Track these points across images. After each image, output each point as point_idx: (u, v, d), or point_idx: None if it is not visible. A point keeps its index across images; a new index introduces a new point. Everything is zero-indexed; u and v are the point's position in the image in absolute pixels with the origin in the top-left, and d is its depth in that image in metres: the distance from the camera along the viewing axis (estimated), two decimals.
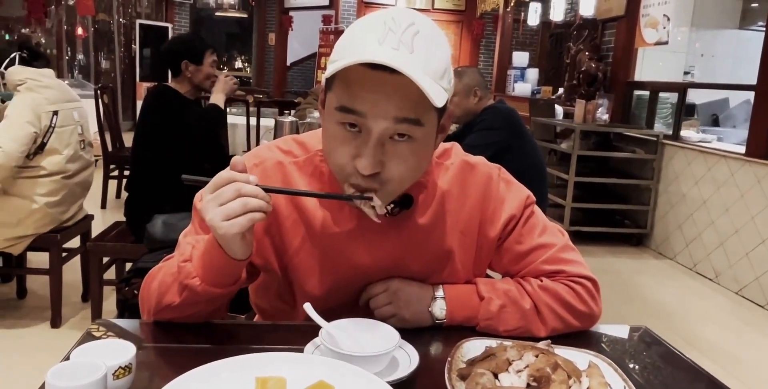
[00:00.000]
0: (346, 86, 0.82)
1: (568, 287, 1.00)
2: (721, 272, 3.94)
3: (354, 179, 0.86)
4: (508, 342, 0.84)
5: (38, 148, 2.48)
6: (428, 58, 0.80)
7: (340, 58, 0.80)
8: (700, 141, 4.51)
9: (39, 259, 2.95)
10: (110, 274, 2.78)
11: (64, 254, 2.76)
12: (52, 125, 2.51)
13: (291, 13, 11.22)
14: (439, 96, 0.79)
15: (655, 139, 4.67)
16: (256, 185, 0.79)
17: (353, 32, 0.84)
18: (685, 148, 4.43)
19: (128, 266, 2.69)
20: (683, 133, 4.67)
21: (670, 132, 4.73)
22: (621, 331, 1.04)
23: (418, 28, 0.81)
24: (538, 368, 0.75)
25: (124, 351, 0.72)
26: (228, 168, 0.80)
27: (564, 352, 0.84)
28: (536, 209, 1.07)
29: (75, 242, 2.91)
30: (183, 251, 0.91)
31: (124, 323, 0.95)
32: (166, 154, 2.56)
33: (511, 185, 1.06)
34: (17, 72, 2.54)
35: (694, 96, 6.00)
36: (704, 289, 3.90)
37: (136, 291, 2.19)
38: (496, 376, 0.77)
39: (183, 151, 2.56)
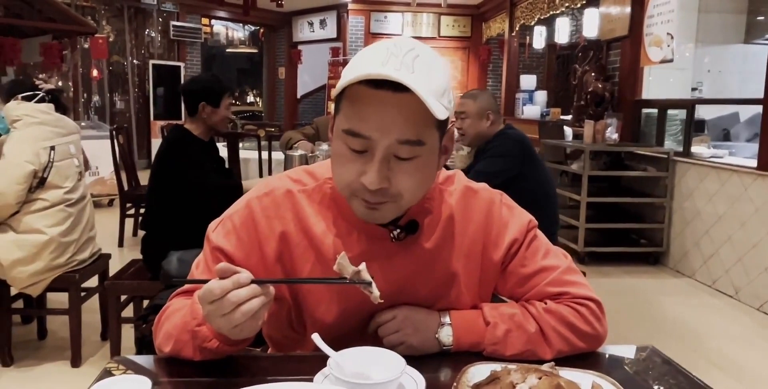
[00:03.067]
0: (352, 106, 0.88)
1: (572, 309, 1.02)
2: (741, 288, 3.89)
3: (362, 194, 0.90)
4: (512, 366, 0.85)
5: (39, 183, 2.53)
6: (428, 78, 0.85)
7: (343, 80, 0.86)
8: (711, 157, 4.49)
9: (58, 299, 3.00)
10: (128, 312, 2.81)
11: (82, 294, 2.79)
12: (51, 160, 2.56)
13: (300, 47, 11.47)
14: (441, 111, 0.85)
15: (665, 156, 4.67)
16: (251, 281, 0.82)
17: (358, 57, 0.90)
18: (697, 164, 4.42)
19: (146, 303, 2.73)
20: (694, 149, 4.66)
21: (681, 149, 4.73)
22: (628, 351, 1.05)
23: (418, 53, 0.87)
24: None
25: (140, 387, 0.75)
26: (217, 278, 0.82)
27: (568, 374, 0.85)
28: (539, 232, 1.09)
29: (93, 282, 2.95)
30: (195, 313, 0.91)
31: (141, 359, 0.98)
32: (181, 195, 2.61)
33: (513, 209, 1.09)
34: (14, 108, 2.58)
35: (704, 112, 5.99)
36: (724, 307, 3.85)
37: (153, 328, 2.22)
38: None
39: (197, 193, 2.60)
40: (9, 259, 2.48)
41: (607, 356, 1.03)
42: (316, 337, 0.89)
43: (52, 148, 2.57)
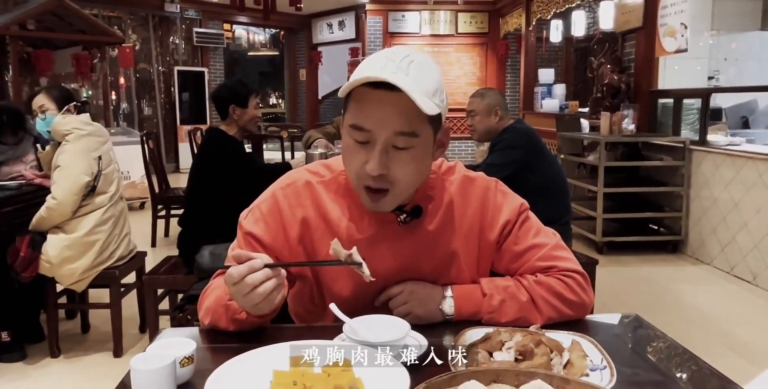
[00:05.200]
0: (356, 104, 1.04)
1: (559, 280, 1.14)
2: (759, 273, 3.94)
3: (366, 181, 1.05)
4: (502, 328, 0.98)
5: (90, 191, 2.74)
6: (421, 80, 1.00)
7: (348, 82, 1.02)
8: (728, 145, 4.52)
9: (99, 296, 3.19)
10: (164, 305, 2.99)
11: (122, 289, 2.98)
12: (100, 169, 2.76)
13: (320, 49, 11.66)
14: (431, 108, 0.99)
15: (682, 145, 4.72)
16: (265, 265, 0.97)
17: (362, 63, 1.05)
18: (713, 152, 4.47)
19: (180, 297, 2.91)
20: (711, 137, 4.70)
21: (697, 138, 4.77)
22: (613, 318, 1.17)
23: (413, 59, 1.02)
24: (523, 344, 0.89)
25: (188, 346, 0.91)
26: (236, 265, 0.98)
27: (552, 334, 0.98)
28: (530, 214, 1.22)
29: (130, 278, 3.14)
30: (228, 290, 1.05)
31: (186, 330, 1.13)
32: (219, 192, 2.79)
33: (507, 195, 1.22)
34: (63, 122, 2.76)
35: (721, 100, 6.00)
36: (742, 292, 3.91)
37: (189, 317, 2.40)
38: (491, 355, 0.92)
39: (234, 189, 2.77)
40: (59, 258, 2.68)
41: (592, 322, 1.15)
42: (333, 306, 1.04)
43: (100, 157, 2.78)
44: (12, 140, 3.24)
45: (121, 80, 9.07)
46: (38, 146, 3.03)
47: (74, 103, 2.87)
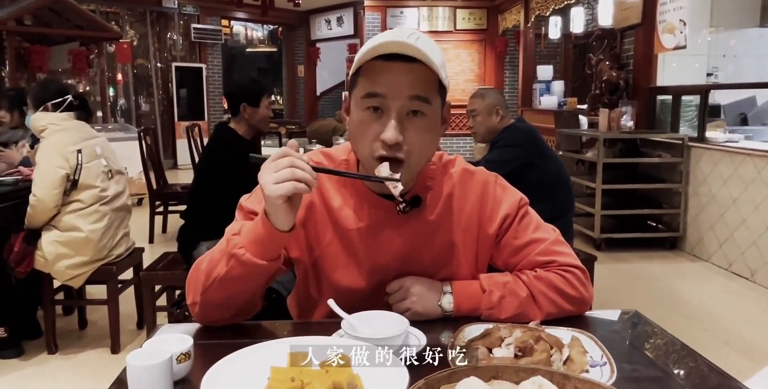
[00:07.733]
0: (368, 77, 1.04)
1: (559, 275, 1.14)
2: (756, 270, 3.94)
3: (381, 151, 1.04)
4: (502, 324, 0.98)
5: (72, 185, 2.71)
6: (430, 52, 1.01)
7: (359, 57, 1.03)
8: (726, 141, 4.52)
9: (96, 292, 3.18)
10: (162, 301, 2.98)
11: (119, 286, 2.97)
12: (80, 163, 2.73)
13: (318, 45, 11.64)
14: (444, 77, 1.02)
15: (680, 142, 4.72)
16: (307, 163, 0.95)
17: (368, 43, 1.05)
18: (711, 149, 4.47)
19: (177, 293, 2.91)
20: (709, 134, 4.70)
21: (696, 134, 4.77)
22: (612, 314, 1.16)
23: (418, 35, 1.04)
24: (523, 340, 0.88)
25: (185, 342, 0.90)
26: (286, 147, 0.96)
27: (551, 331, 0.97)
28: (530, 209, 1.22)
29: (128, 274, 3.13)
30: (232, 227, 1.06)
31: (182, 326, 1.12)
32: (221, 189, 2.77)
33: (507, 189, 1.22)
34: (39, 118, 2.74)
35: (720, 97, 6.00)
36: (740, 289, 3.91)
37: (186, 313, 2.39)
38: (490, 351, 0.91)
39: (237, 188, 2.76)
40: (53, 254, 2.67)
41: (592, 318, 1.15)
42: (331, 302, 1.03)
43: (79, 151, 2.75)
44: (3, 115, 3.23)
45: (119, 76, 9.05)
46: (27, 145, 3.02)
47: (52, 102, 2.81)
